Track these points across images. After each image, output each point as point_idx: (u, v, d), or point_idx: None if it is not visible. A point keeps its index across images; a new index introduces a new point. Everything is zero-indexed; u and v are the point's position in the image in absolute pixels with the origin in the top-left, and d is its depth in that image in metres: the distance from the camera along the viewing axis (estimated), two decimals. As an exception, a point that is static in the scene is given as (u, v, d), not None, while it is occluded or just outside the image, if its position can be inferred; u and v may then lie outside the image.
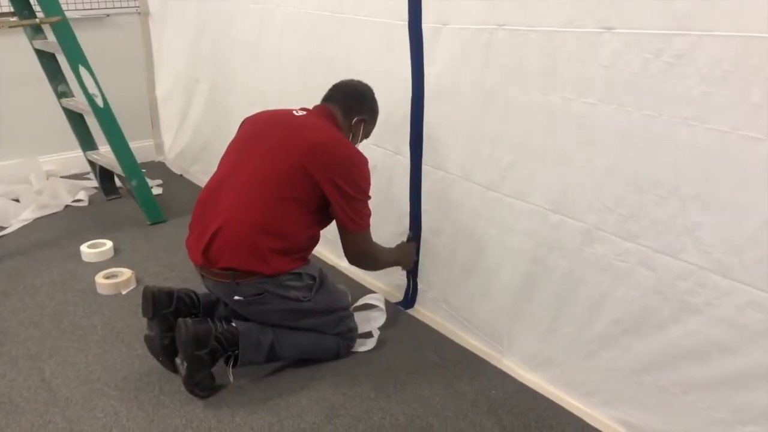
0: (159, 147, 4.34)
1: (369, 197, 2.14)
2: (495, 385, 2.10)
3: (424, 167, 2.33)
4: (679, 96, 1.54)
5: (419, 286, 2.51)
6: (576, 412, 1.96)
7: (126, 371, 2.16)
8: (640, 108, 1.63)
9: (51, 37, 3.15)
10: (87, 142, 3.48)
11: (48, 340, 2.34)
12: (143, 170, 4.01)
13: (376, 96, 2.29)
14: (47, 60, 3.27)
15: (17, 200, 3.51)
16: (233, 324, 2.06)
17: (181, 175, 4.08)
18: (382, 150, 2.50)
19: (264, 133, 2.14)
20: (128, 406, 2.00)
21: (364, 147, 2.50)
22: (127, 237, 3.17)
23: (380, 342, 2.30)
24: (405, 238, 2.45)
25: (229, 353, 2.04)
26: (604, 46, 1.67)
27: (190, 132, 3.96)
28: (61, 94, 3.35)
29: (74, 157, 3.78)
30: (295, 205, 2.02)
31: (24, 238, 3.17)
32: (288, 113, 2.18)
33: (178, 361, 2.02)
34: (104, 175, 3.57)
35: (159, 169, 4.19)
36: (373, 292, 2.63)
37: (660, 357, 1.74)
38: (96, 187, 3.73)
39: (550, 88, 1.84)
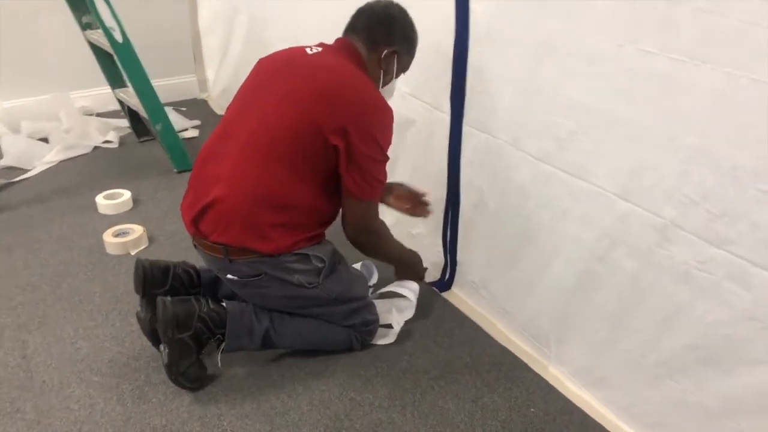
0: (203, 83, 4.05)
1: (386, 158, 1.73)
2: (535, 400, 1.73)
3: (465, 128, 1.92)
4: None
5: (458, 264, 2.14)
6: (634, 447, 1.59)
7: (114, 351, 1.91)
8: (749, 70, 1.18)
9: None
10: (115, 79, 3.21)
11: (41, 307, 2.11)
12: (183, 109, 3.81)
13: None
14: (68, -12, 2.98)
15: (46, 139, 3.30)
16: (223, 304, 1.77)
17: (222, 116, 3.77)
18: (421, 103, 2.09)
19: (273, 78, 1.76)
20: (107, 396, 1.74)
21: (402, 98, 2.13)
22: (149, 186, 2.91)
23: (405, 332, 1.96)
24: (443, 207, 2.07)
25: (219, 336, 1.75)
26: (704, -18, 1.21)
27: (232, 68, 3.63)
28: (86, 26, 3.06)
29: (111, 93, 3.52)
30: (304, 169, 1.67)
31: (44, 184, 2.95)
32: (301, 52, 1.78)
33: (161, 347, 1.75)
34: (135, 115, 3.30)
35: (201, 108, 3.90)
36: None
37: (749, 400, 1.33)
38: (129, 127, 3.48)
39: (625, 37, 1.39)
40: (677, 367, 1.46)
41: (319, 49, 1.78)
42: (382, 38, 1.76)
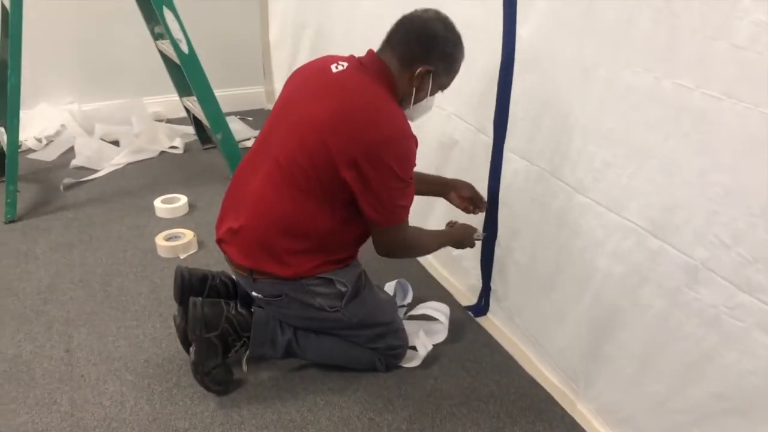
0: (270, 94, 4.15)
1: (406, 183, 1.65)
2: (558, 436, 1.69)
3: (505, 153, 1.90)
4: None
5: (492, 290, 2.11)
6: (656, 494, 1.52)
7: (150, 352, 1.98)
8: (783, 111, 1.13)
9: (143, -25, 2.99)
10: (183, 88, 3.32)
11: (89, 304, 2.21)
12: (249, 118, 3.92)
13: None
14: (143, 0, 3.11)
15: (117, 142, 3.46)
16: (252, 309, 1.82)
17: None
18: (465, 125, 2.09)
19: (296, 97, 1.74)
20: (137, 396, 1.81)
21: (448, 117, 2.14)
22: (207, 192, 3.01)
23: (434, 356, 1.95)
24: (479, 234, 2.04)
25: (244, 339, 1.80)
26: (741, 18, 1.17)
27: (298, 81, 3.70)
28: (158, 36, 3.19)
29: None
30: (323, 197, 1.65)
31: (109, 185, 3.09)
32: (324, 69, 1.71)
33: (191, 348, 1.80)
34: (200, 123, 3.42)
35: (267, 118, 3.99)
36: (445, 289, 2.26)
37: (775, 459, 1.26)
38: (195, 134, 3.60)
39: (662, 70, 1.35)
40: (703, 415, 1.39)
41: (345, 64, 1.71)
42: (419, 55, 1.65)
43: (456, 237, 1.96)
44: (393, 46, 1.69)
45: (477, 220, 2.04)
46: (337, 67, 1.70)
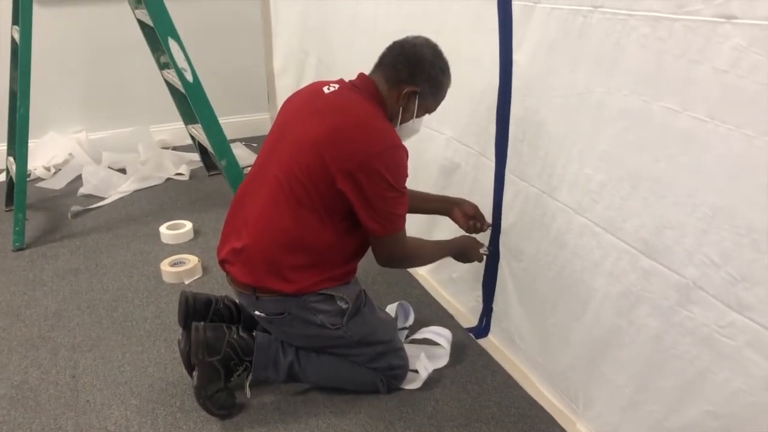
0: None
1: (401, 192, 1.71)
2: (558, 457, 1.70)
3: (507, 175, 1.93)
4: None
5: (493, 311, 2.13)
6: None
7: (155, 377, 2.00)
8: (765, 132, 1.15)
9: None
10: (188, 116, 3.38)
11: (96, 329, 2.24)
12: (254, 145, 3.98)
13: (461, 80, 1.85)
14: (149, 31, 3.17)
15: (124, 170, 3.52)
16: (253, 333, 1.84)
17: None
18: (467, 149, 2.12)
19: (293, 120, 1.80)
20: (141, 420, 1.83)
21: (447, 142, 2.18)
22: (212, 218, 3.05)
23: (435, 378, 1.96)
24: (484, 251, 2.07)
25: (246, 364, 1.82)
26: (722, 42, 1.20)
27: (301, 108, 3.76)
28: (163, 66, 3.26)
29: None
30: (324, 211, 1.70)
31: (116, 212, 3.15)
32: (317, 91, 1.80)
33: (194, 372, 1.83)
34: (204, 150, 3.47)
35: (271, 144, 4.05)
36: (446, 311, 2.28)
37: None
38: (201, 161, 3.66)
39: (650, 94, 1.39)
40: (699, 433, 1.40)
41: (336, 86, 1.79)
42: (406, 77, 1.73)
43: (459, 246, 2.00)
44: (383, 68, 1.78)
45: (481, 240, 2.06)
46: (329, 89, 1.79)
